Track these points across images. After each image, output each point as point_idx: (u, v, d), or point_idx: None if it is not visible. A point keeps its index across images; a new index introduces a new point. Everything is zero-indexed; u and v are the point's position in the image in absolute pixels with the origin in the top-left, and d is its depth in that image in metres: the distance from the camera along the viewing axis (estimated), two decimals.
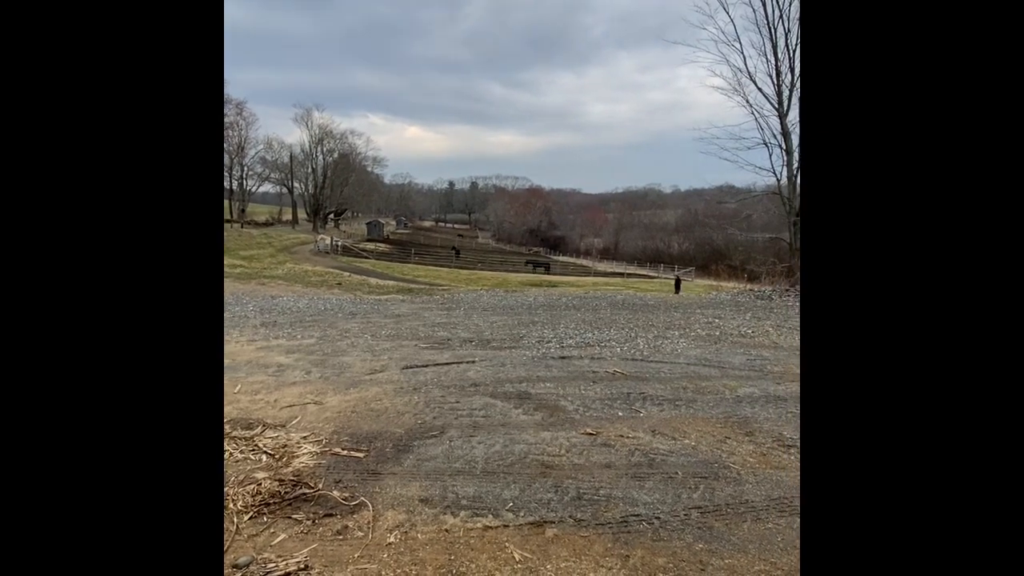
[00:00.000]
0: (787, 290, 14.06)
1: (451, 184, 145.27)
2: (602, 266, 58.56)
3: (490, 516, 3.02)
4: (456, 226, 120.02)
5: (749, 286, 17.33)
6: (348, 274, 26.64)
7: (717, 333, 8.44)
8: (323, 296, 15.71)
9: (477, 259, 57.35)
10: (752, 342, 7.80)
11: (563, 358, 6.68)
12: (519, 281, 32.39)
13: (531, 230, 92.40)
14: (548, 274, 43.40)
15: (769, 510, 3.13)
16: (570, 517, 3.02)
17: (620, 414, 4.72)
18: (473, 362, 6.44)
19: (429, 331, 8.38)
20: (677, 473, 3.59)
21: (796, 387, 5.52)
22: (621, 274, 46.54)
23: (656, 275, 50.97)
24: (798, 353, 7.07)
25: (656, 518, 3.02)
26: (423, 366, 6.27)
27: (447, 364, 6.32)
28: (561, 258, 67.59)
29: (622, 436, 4.22)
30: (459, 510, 3.07)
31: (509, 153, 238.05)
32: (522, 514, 3.05)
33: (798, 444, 4.07)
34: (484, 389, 5.36)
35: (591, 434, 4.25)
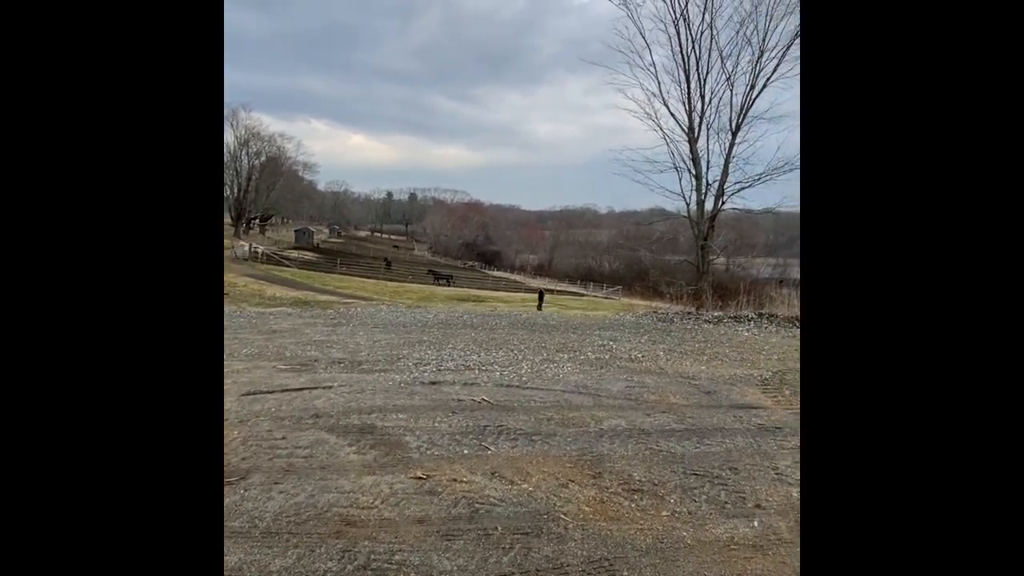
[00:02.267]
0: (689, 313, 14.21)
1: (389, 194, 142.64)
2: (535, 282, 58.85)
3: None
4: (393, 237, 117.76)
5: (655, 307, 17.53)
6: (248, 282, 25.00)
7: (607, 357, 8.17)
8: None
9: (408, 271, 56.24)
10: (639, 367, 7.57)
11: (433, 384, 6.14)
12: (446, 295, 31.75)
13: (467, 244, 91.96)
14: (449, 286, 43.12)
15: None
16: None
17: (466, 452, 4.22)
18: (330, 388, 5.78)
19: (299, 350, 7.62)
20: (496, 529, 3.11)
21: (665, 419, 5.25)
22: (551, 290, 46.80)
23: (585, 292, 51.69)
24: (680, 380, 6.88)
25: None
26: (268, 392, 5.55)
27: (298, 390, 5.63)
28: (495, 273, 67.46)
29: (455, 480, 3.72)
30: None
31: (454, 167, 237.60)
32: None
33: (644, 488, 3.73)
34: (324, 422, 4.73)
35: (421, 478, 3.73)
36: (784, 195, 21.40)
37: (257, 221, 67.63)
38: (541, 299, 25.41)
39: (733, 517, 3.39)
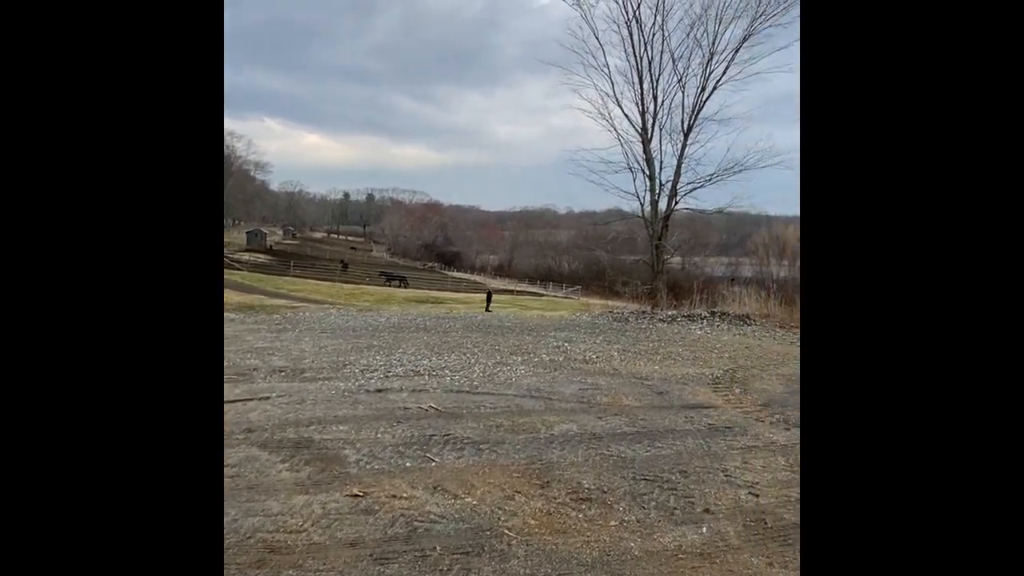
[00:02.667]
0: (644, 312, 14.33)
1: (346, 195, 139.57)
2: (495, 283, 58.69)
3: None
4: (350, 238, 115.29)
5: (611, 307, 17.66)
6: None
7: (561, 359, 8.07)
8: None
9: (366, 274, 55.16)
10: (593, 368, 7.50)
11: (379, 391, 5.88)
12: (404, 297, 31.20)
13: (427, 245, 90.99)
14: (403, 288, 42.58)
15: None
16: None
17: (408, 465, 4.00)
18: (267, 398, 5.45)
19: (238, 359, 7.20)
20: (435, 549, 2.92)
21: (617, 421, 5.16)
22: (510, 291, 46.74)
23: (545, 293, 51.89)
24: (634, 381, 6.84)
25: None
26: None
27: (232, 402, 5.27)
28: (455, 274, 66.92)
29: (395, 497, 3.50)
30: None
31: (414, 167, 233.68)
32: None
33: (592, 497, 3.61)
34: (257, 436, 4.42)
35: (358, 496, 3.49)
36: (734, 195, 22.01)
37: None
38: (489, 300, 25.10)
39: (681, 524, 3.30)
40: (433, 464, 4.04)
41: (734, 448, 4.63)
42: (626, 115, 17.43)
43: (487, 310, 20.49)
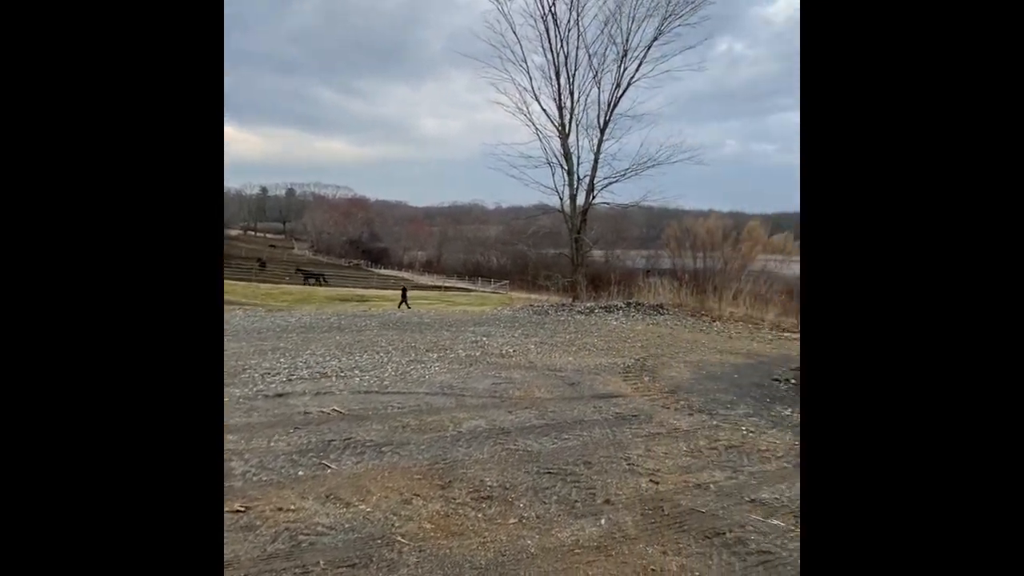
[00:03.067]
0: (564, 304, 14.55)
1: (263, 189, 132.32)
2: (423, 279, 57.86)
3: None
4: (269, 236, 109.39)
5: (533, 300, 17.83)
6: None
7: (478, 353, 7.98)
8: None
9: (286, 272, 52.65)
10: (509, 362, 7.46)
11: (279, 396, 5.52)
12: (326, 296, 30.04)
13: (352, 241, 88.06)
14: (321, 285, 41.31)
15: None
16: None
17: (301, 473, 3.75)
18: None
19: None
20: (318, 563, 2.71)
21: (527, 415, 5.12)
22: (440, 287, 46.22)
23: (474, 288, 51.76)
24: (548, 373, 6.86)
25: None
26: None
27: None
28: (382, 271, 65.33)
29: (281, 509, 3.24)
30: None
31: (338, 161, 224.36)
32: None
33: (494, 495, 3.52)
34: None
35: (239, 511, 3.20)
36: (648, 190, 22.75)
37: None
38: (404, 296, 24.54)
39: (581, 517, 3.27)
40: (328, 471, 3.81)
41: (639, 436, 4.71)
42: (544, 110, 17.56)
43: (402, 307, 20.04)
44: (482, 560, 2.80)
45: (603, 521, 3.24)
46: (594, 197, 17.54)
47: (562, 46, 16.99)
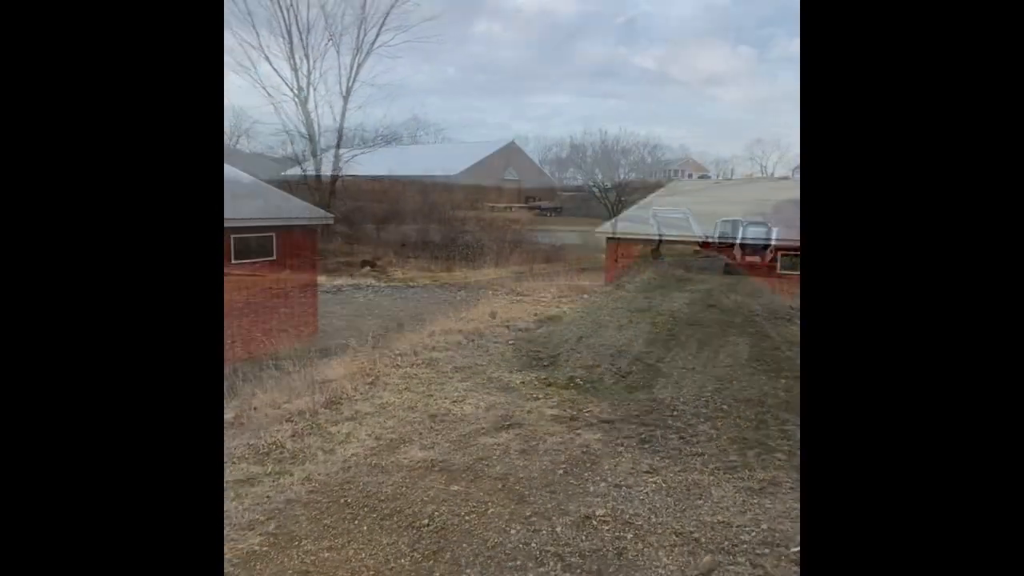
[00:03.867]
0: None
1: None
2: None
3: None
4: None
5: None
6: None
7: None
8: None
9: None
10: None
11: None
12: None
13: None
14: None
15: None
16: None
17: None
18: None
19: None
20: None
21: None
22: None
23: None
24: None
25: None
26: None
27: None
28: None
29: None
30: None
31: None
32: None
33: None
34: None
35: None
36: (396, 163, 22.26)
37: None
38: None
39: None
40: None
41: None
42: (276, 70, 15.82)
43: None
44: None
45: None
46: (340, 170, 16.66)
47: (292, 2, 15.33)
